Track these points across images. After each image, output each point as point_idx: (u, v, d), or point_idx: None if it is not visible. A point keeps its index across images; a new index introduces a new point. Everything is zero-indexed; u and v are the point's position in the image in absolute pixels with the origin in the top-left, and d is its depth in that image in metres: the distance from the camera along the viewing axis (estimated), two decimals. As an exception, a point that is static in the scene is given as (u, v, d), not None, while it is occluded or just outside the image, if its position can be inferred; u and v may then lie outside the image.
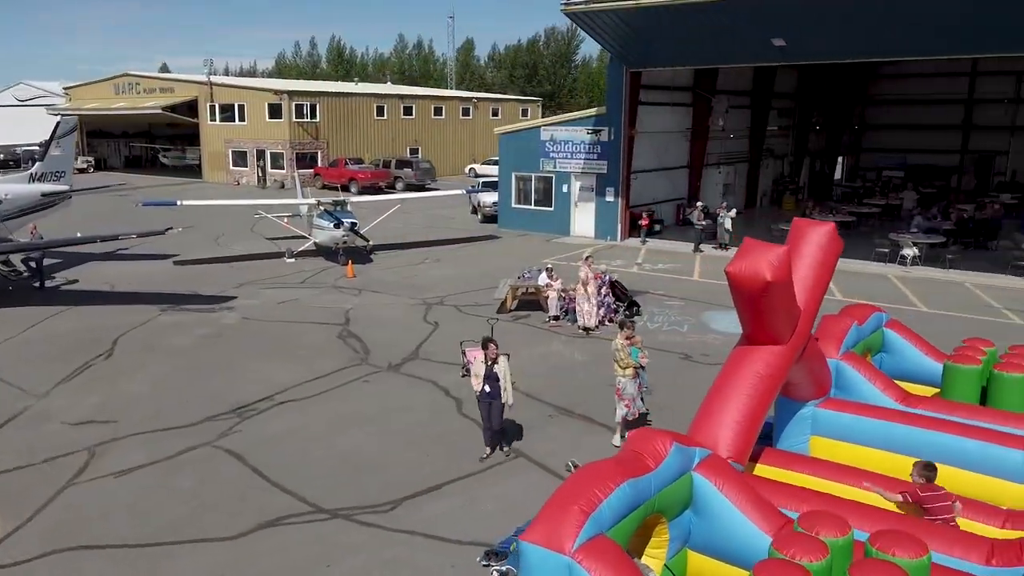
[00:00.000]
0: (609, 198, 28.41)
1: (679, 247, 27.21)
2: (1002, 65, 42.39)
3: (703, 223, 25.80)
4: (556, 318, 18.07)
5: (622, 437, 11.58)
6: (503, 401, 11.06)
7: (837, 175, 44.95)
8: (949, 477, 8.74)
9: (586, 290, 17.25)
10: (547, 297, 18.23)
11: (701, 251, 25.95)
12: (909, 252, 23.53)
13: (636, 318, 18.22)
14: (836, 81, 41.99)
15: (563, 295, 18.28)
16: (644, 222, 27.95)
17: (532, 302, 18.90)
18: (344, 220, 24.42)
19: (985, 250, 25.72)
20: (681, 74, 30.83)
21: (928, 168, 44.97)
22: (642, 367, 11.83)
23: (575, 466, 10.68)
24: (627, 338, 11.76)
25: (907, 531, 6.32)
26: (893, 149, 46.18)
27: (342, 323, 18.07)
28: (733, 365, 8.23)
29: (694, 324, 17.84)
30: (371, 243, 25.69)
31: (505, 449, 11.44)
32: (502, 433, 11.47)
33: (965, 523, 7.51)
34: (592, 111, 29.57)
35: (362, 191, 43.22)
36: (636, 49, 26.04)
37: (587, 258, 18.19)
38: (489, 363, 11.05)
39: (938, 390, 10.91)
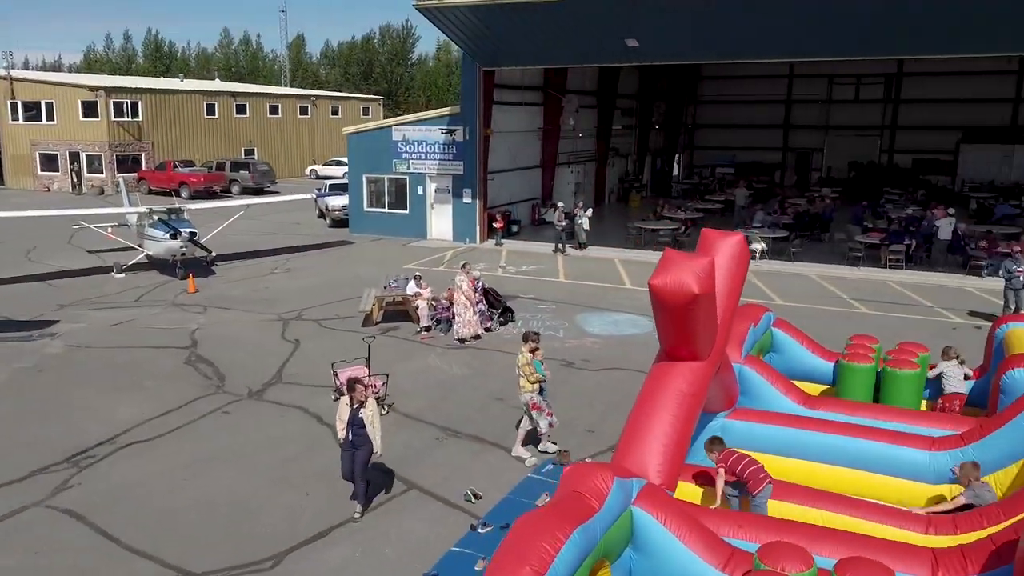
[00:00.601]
0: (467, 199, 27.73)
1: (538, 248, 26.98)
2: (816, 68, 45.82)
3: (563, 223, 25.68)
4: (428, 329, 17.14)
5: (555, 447, 11.03)
6: (373, 451, 9.38)
7: (675, 172, 46.72)
8: (857, 482, 8.73)
9: (466, 298, 16.46)
10: (416, 307, 17.25)
11: (562, 251, 25.82)
12: (757, 246, 24.48)
13: (510, 324, 17.66)
14: (672, 82, 43.67)
15: (434, 304, 17.38)
16: (499, 223, 27.50)
17: (400, 312, 17.84)
18: (182, 229, 22.21)
19: (820, 242, 27.29)
20: (531, 73, 30.68)
21: (755, 165, 47.80)
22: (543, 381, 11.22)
23: (475, 496, 9.93)
24: (532, 351, 11.01)
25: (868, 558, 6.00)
26: (724, 147, 48.76)
27: (189, 346, 16.22)
28: (655, 384, 7.74)
29: (569, 328, 17.48)
30: (213, 253, 23.55)
31: (358, 510, 9.53)
32: (366, 488, 9.61)
33: (889, 532, 7.39)
34: (446, 110, 28.76)
35: (194, 196, 40.17)
36: (489, 47, 25.50)
37: (464, 265, 17.37)
38: (355, 406, 9.32)
39: (825, 387, 11.04)
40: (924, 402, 10.29)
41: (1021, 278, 16.96)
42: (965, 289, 21.14)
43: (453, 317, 16.88)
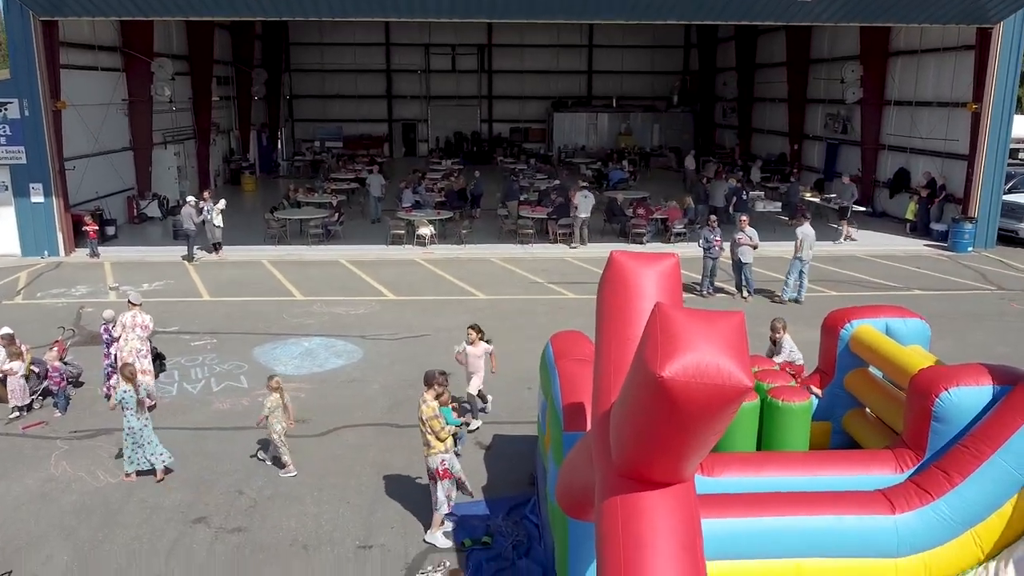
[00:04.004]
0: (36, 197, 20.31)
1: (155, 255, 20.91)
2: (412, 37, 44.67)
3: (197, 222, 19.99)
4: (26, 409, 11.20)
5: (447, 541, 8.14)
6: None
7: (279, 148, 41.97)
8: (811, 574, 6.49)
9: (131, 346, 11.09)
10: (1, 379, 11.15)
11: (195, 259, 20.20)
12: (426, 231, 21.84)
13: (163, 375, 12.44)
14: (266, 48, 38.74)
15: (34, 369, 11.43)
16: (91, 227, 20.58)
17: (-27, 389, 11.41)
18: None
19: (473, 219, 25.62)
20: (106, 28, 23.73)
21: (363, 137, 45.31)
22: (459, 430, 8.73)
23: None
24: (437, 396, 8.18)
25: None
26: (328, 119, 45.29)
27: None
28: (635, 538, 4.39)
29: (252, 372, 12.84)
30: None
31: None
32: None
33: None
34: (-16, 76, 20.63)
35: None
36: (47, -13, 18.53)
37: (116, 287, 11.64)
38: None
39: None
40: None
41: (717, 248, 16.78)
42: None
43: (68, 385, 11.25)
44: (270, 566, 7.73)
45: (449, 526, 8.31)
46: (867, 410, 8.67)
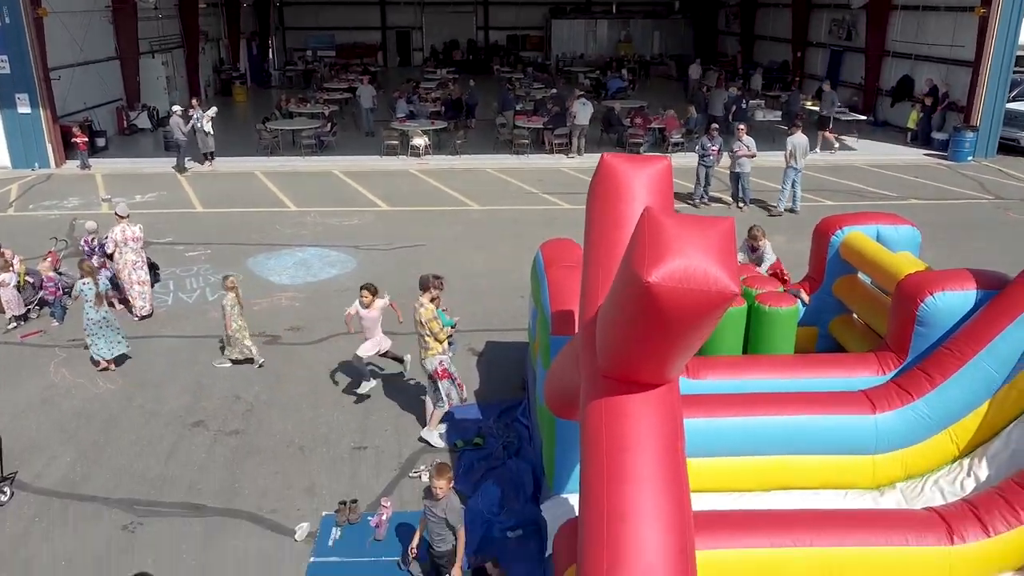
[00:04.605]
0: (23, 108, 19.91)
1: (146, 167, 20.68)
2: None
3: (185, 131, 19.67)
4: (23, 319, 11.32)
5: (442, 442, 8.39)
6: None
7: (271, 57, 40.92)
8: (791, 469, 6.71)
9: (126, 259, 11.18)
10: (-5, 288, 11.22)
11: (186, 170, 19.99)
12: (420, 141, 21.54)
13: (158, 286, 12.52)
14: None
15: (29, 280, 11.49)
16: (80, 138, 20.30)
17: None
18: None
19: (469, 129, 25.22)
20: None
21: (356, 46, 44.13)
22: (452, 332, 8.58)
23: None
24: (432, 300, 8.18)
25: None
26: (319, 27, 43.97)
27: None
28: (620, 439, 4.49)
29: (244, 281, 12.85)
30: None
31: None
32: None
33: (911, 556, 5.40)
34: (-41, -20, 19.89)
35: None
36: None
37: (108, 199, 11.65)
38: None
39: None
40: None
41: (712, 156, 16.60)
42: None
43: (63, 295, 11.35)
44: (267, 466, 7.96)
45: (443, 427, 8.51)
46: (854, 316, 8.76)
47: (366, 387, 9.08)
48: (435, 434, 8.35)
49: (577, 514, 4.96)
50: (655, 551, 4.16)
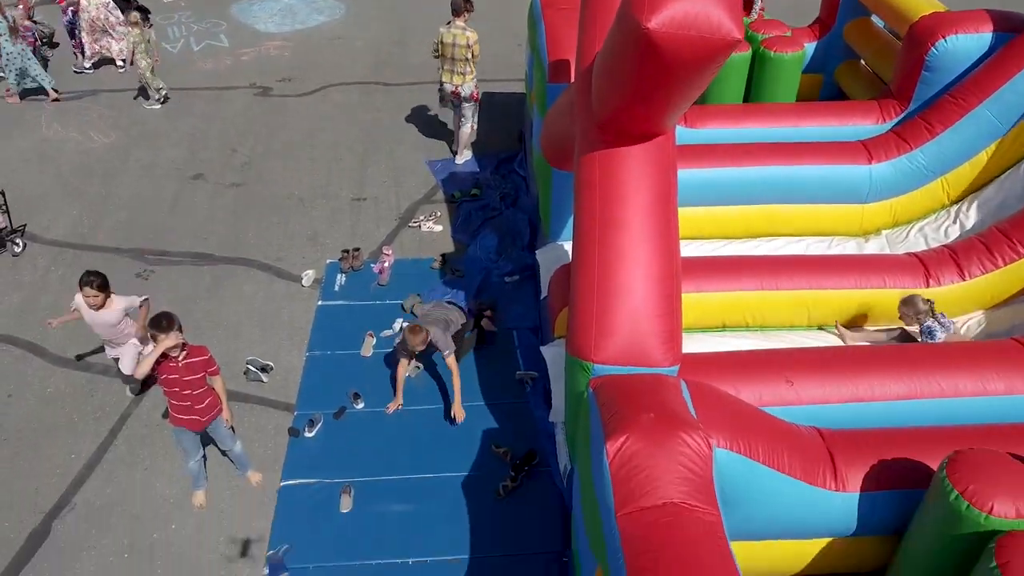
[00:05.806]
0: None
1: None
2: None
3: None
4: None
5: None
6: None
7: None
8: (780, 217, 6.88)
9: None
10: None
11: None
12: None
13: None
14: None
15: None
16: None
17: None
18: None
19: None
20: None
21: None
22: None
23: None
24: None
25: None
26: None
27: None
28: (613, 189, 4.55)
29: (232, 31, 12.31)
30: None
31: None
32: None
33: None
34: None
35: None
36: None
37: None
38: None
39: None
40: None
41: None
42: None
43: (42, 45, 10.88)
44: (269, 217, 8.13)
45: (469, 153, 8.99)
46: (862, 62, 8.48)
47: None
48: (469, 153, 8.95)
49: (570, 259, 5.16)
50: (642, 296, 4.38)
